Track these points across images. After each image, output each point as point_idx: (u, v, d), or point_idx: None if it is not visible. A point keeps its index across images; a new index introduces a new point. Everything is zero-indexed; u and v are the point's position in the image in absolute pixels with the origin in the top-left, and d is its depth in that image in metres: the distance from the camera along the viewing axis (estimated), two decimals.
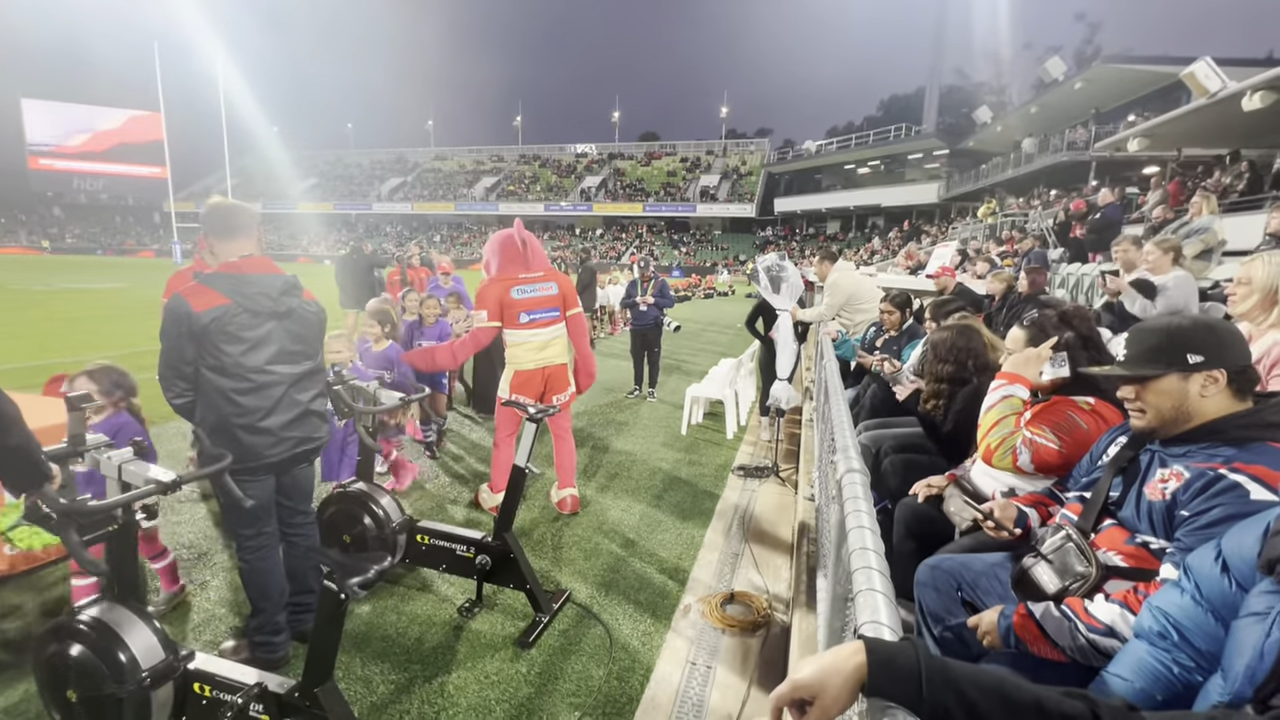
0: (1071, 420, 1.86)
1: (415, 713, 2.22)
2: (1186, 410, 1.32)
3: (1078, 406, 1.90)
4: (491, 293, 3.73)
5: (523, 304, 3.75)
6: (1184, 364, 1.30)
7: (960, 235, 18.98)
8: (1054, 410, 1.92)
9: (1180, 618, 1.05)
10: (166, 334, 2.09)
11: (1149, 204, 10.39)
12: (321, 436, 2.45)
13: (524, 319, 3.76)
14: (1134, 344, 1.40)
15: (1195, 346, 1.31)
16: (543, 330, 3.82)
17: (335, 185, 57.74)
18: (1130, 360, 1.39)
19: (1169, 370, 1.32)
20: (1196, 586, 1.05)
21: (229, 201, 2.28)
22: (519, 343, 3.79)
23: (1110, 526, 1.38)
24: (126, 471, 1.87)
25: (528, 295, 3.77)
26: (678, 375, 8.59)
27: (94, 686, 1.80)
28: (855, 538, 1.12)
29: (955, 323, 2.93)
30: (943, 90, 41.44)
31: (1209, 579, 1.02)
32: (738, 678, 2.47)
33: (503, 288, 3.73)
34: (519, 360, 3.81)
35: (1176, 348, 1.32)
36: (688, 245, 46.74)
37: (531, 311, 3.78)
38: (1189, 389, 1.31)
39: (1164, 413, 1.34)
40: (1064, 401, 1.94)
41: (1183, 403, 1.32)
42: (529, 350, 3.81)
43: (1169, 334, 1.35)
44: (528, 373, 3.81)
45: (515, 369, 3.81)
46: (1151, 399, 1.35)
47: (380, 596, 2.93)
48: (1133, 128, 14.16)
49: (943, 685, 0.76)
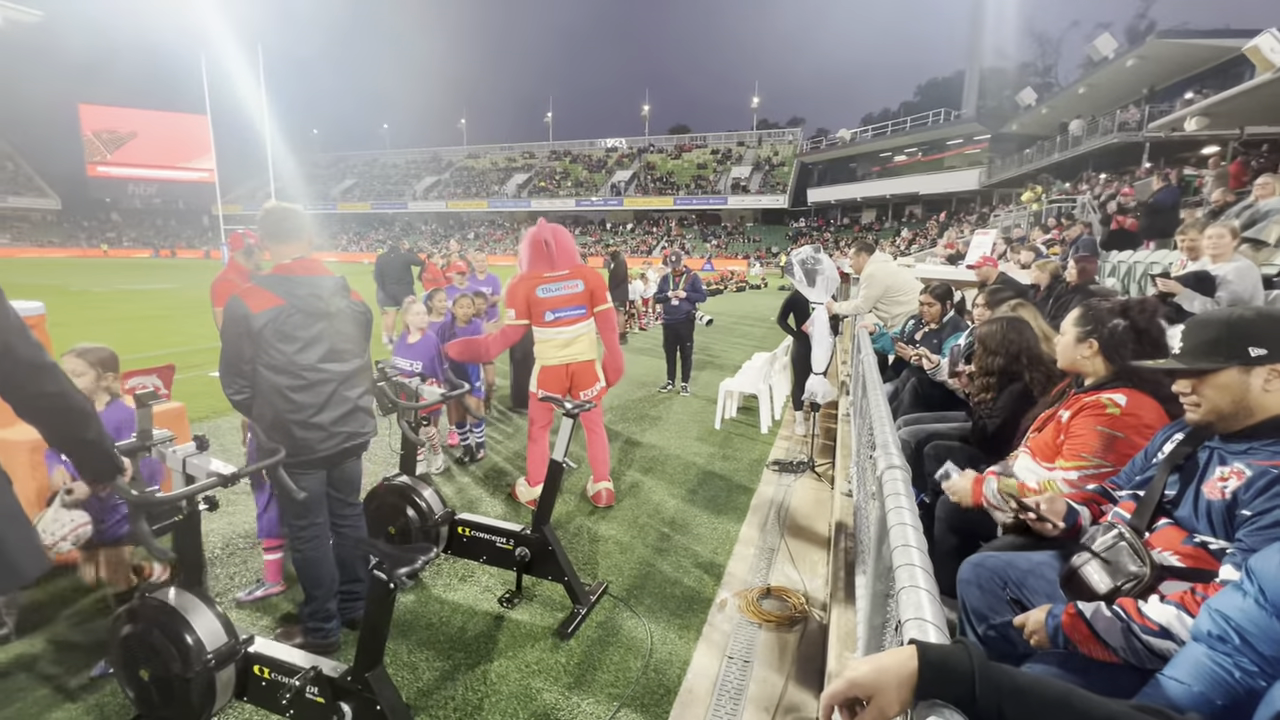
0: (1106, 437, 1.81)
1: (460, 699, 2.29)
2: (1248, 405, 1.26)
3: (1108, 415, 1.82)
4: (519, 291, 3.83)
5: (547, 303, 3.83)
6: (1245, 357, 1.25)
7: (1002, 223, 18.36)
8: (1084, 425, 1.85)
9: (1242, 621, 1.01)
10: (226, 334, 2.19)
11: (1207, 186, 9.88)
12: (369, 431, 2.54)
13: (549, 317, 3.84)
14: (1190, 336, 1.35)
15: (1258, 339, 1.25)
16: (566, 329, 3.88)
17: (372, 185, 59.12)
18: (1186, 353, 1.34)
19: (1228, 363, 1.27)
20: (1260, 590, 1.01)
21: (284, 205, 2.37)
22: (544, 340, 3.91)
23: (1166, 525, 1.33)
24: (190, 465, 1.98)
25: (552, 294, 3.84)
26: (710, 369, 8.57)
27: (163, 667, 1.92)
28: (897, 534, 1.12)
29: (1006, 314, 2.84)
30: (983, 73, 39.91)
31: (1274, 582, 0.99)
32: (775, 672, 2.48)
33: (529, 286, 3.82)
34: (544, 356, 3.92)
35: (1237, 340, 1.27)
36: (719, 238, 46.36)
37: (556, 310, 3.85)
38: (1251, 383, 1.26)
39: (1221, 408, 1.29)
40: (1093, 407, 1.86)
41: (1243, 397, 1.26)
42: (553, 347, 3.89)
43: (1229, 325, 1.29)
44: (552, 369, 3.90)
45: (541, 364, 3.93)
46: (1209, 393, 1.30)
47: (424, 586, 3.02)
48: (1190, 106, 13.44)
49: (996, 690, 0.75)
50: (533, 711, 2.24)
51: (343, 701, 1.88)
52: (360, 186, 59.23)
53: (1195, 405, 1.32)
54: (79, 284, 21.42)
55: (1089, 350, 1.95)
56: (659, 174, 51.65)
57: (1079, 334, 1.97)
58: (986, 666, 0.77)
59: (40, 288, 19.31)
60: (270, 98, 36.72)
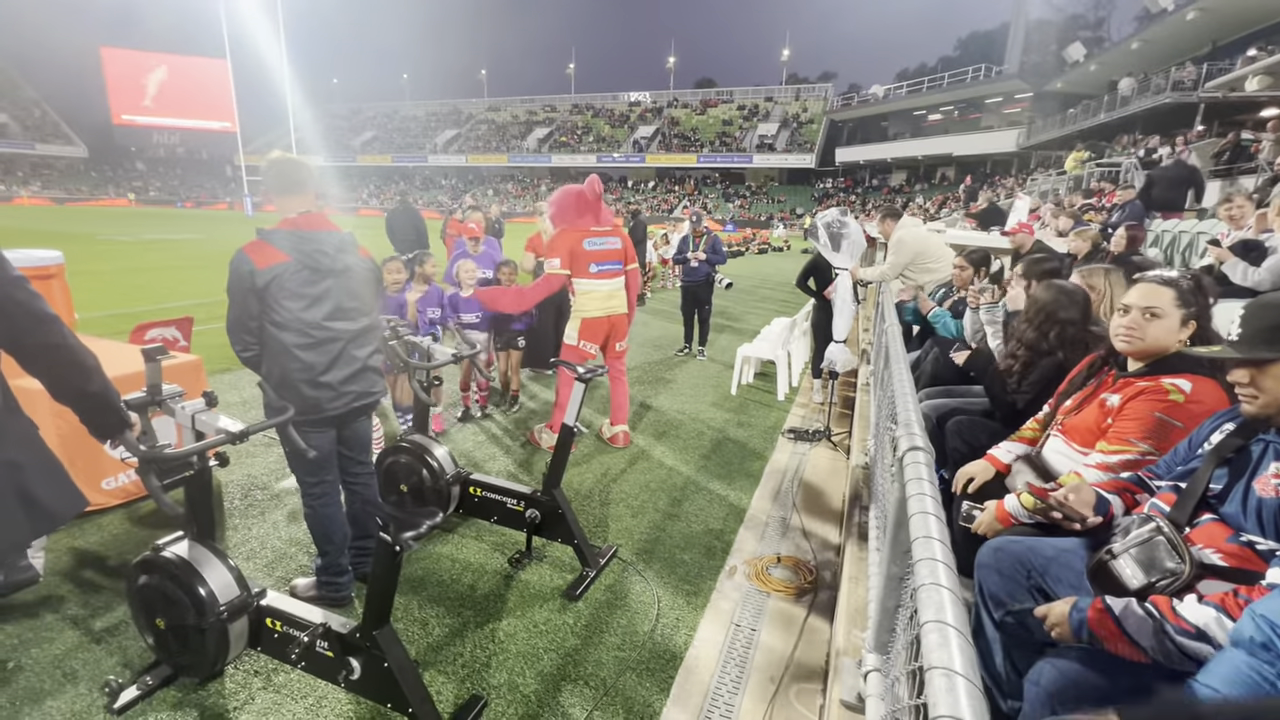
0: (1161, 424, 1.68)
1: (468, 655, 2.32)
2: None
3: (1170, 402, 1.69)
4: (564, 242, 3.97)
5: (593, 255, 4.00)
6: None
7: (1040, 187, 17.58)
8: (1139, 409, 1.72)
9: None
10: (232, 290, 2.15)
11: (1265, 151, 9.30)
12: (379, 391, 2.52)
13: (594, 269, 4.02)
14: (1251, 321, 1.23)
15: None
16: (608, 281, 4.09)
17: (393, 138, 58.51)
18: (1245, 340, 1.23)
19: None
20: None
21: (289, 156, 2.29)
22: (587, 291, 4.05)
23: (1209, 521, 1.25)
24: (199, 421, 1.97)
25: (598, 248, 4.02)
26: (728, 333, 8.45)
27: (179, 617, 1.96)
28: (918, 524, 1.05)
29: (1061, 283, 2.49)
30: (1030, 25, 37.61)
31: None
32: (783, 642, 2.47)
33: (576, 238, 3.97)
34: (587, 309, 4.07)
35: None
36: (743, 198, 45.31)
37: (600, 263, 4.04)
38: None
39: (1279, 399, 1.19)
40: (1153, 392, 1.72)
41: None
42: (596, 299, 4.06)
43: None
44: (595, 320, 4.07)
45: (583, 317, 4.07)
46: (1269, 384, 1.20)
47: (436, 544, 3.06)
48: (1253, 64, 12.56)
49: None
50: (539, 671, 2.26)
51: (351, 657, 1.90)
52: (380, 139, 58.65)
53: (1253, 397, 1.22)
54: (105, 233, 21.73)
55: (1189, 331, 1.75)
56: (683, 130, 50.30)
57: (1185, 315, 1.75)
58: None
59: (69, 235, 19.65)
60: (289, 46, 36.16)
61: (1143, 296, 1.79)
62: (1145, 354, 1.81)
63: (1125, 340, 1.81)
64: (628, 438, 4.43)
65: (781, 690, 2.22)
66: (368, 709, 2.05)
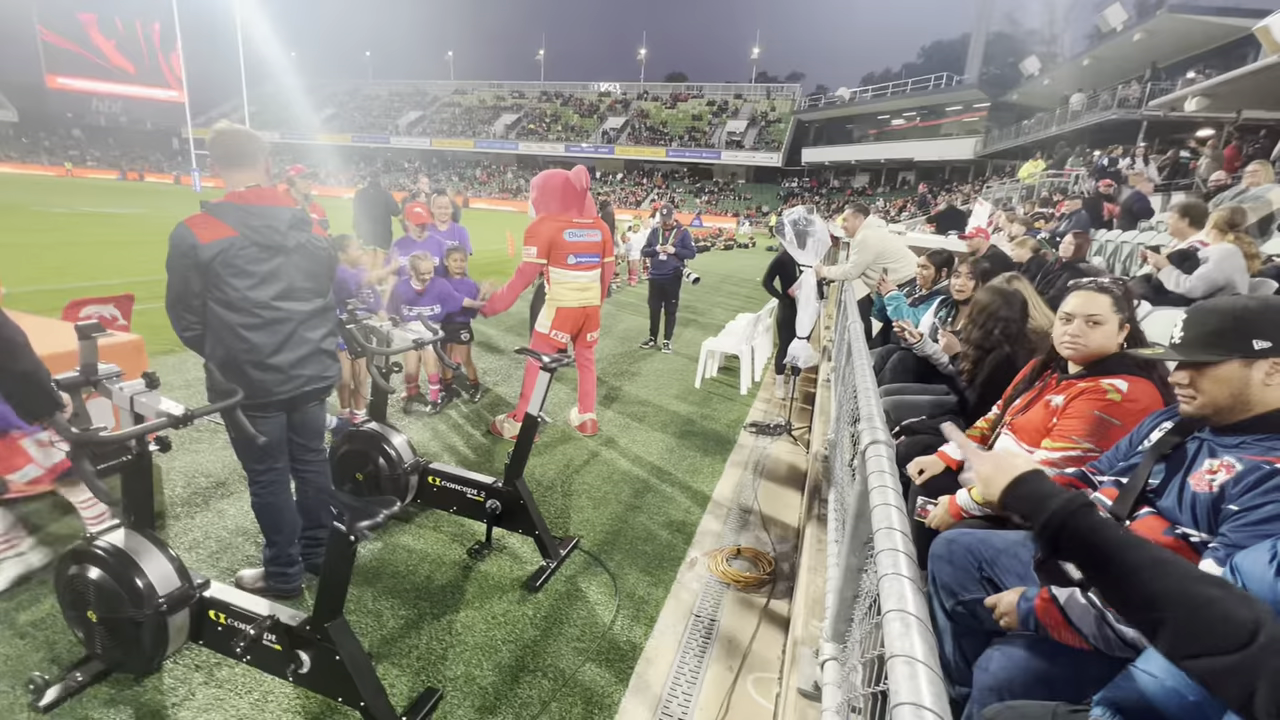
0: (1101, 422, 1.76)
1: (423, 648, 2.27)
2: (1246, 399, 1.22)
3: (1108, 401, 1.77)
4: (544, 231, 3.93)
5: (572, 247, 3.98)
6: (1249, 350, 1.19)
7: (994, 195, 18.24)
8: (1081, 408, 1.81)
9: None
10: (172, 266, 2.03)
11: (1202, 168, 9.85)
12: (332, 375, 2.43)
13: (571, 260, 3.99)
14: (1193, 325, 1.28)
15: (1263, 330, 1.19)
16: (585, 273, 4.08)
17: (353, 117, 56.53)
18: (1187, 343, 1.27)
19: (1230, 356, 1.21)
20: (1243, 587, 0.98)
21: (237, 128, 2.17)
22: (563, 282, 4.03)
23: (1148, 515, 1.31)
24: (138, 403, 1.86)
25: (578, 239, 4.01)
26: (693, 328, 8.50)
27: (113, 609, 1.86)
28: (880, 516, 1.07)
29: (1000, 285, 2.78)
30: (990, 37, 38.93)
31: (1260, 581, 0.96)
32: (741, 633, 2.50)
33: (557, 229, 3.94)
34: (562, 298, 4.04)
35: (1242, 332, 1.21)
36: (710, 193, 45.55)
37: (579, 255, 4.01)
38: (1252, 377, 1.20)
39: (1219, 401, 1.24)
40: (1092, 392, 1.81)
41: (1243, 391, 1.21)
42: (572, 290, 4.04)
43: (1235, 316, 1.23)
44: (570, 310, 4.06)
45: (558, 306, 4.05)
46: (1207, 386, 1.25)
47: (392, 534, 2.98)
48: (1192, 85, 13.28)
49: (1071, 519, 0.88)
50: (497, 663, 2.23)
51: (300, 650, 1.84)
52: (340, 118, 56.60)
53: (1191, 398, 1.27)
54: (39, 203, 20.38)
55: (1124, 334, 1.85)
56: (652, 123, 50.19)
57: (1121, 320, 1.84)
58: (1071, 505, 0.90)
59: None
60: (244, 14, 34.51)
61: (1083, 305, 1.87)
62: (1088, 359, 1.90)
63: (1070, 347, 1.89)
64: (595, 425, 4.44)
65: (739, 680, 2.24)
66: (317, 703, 1.98)
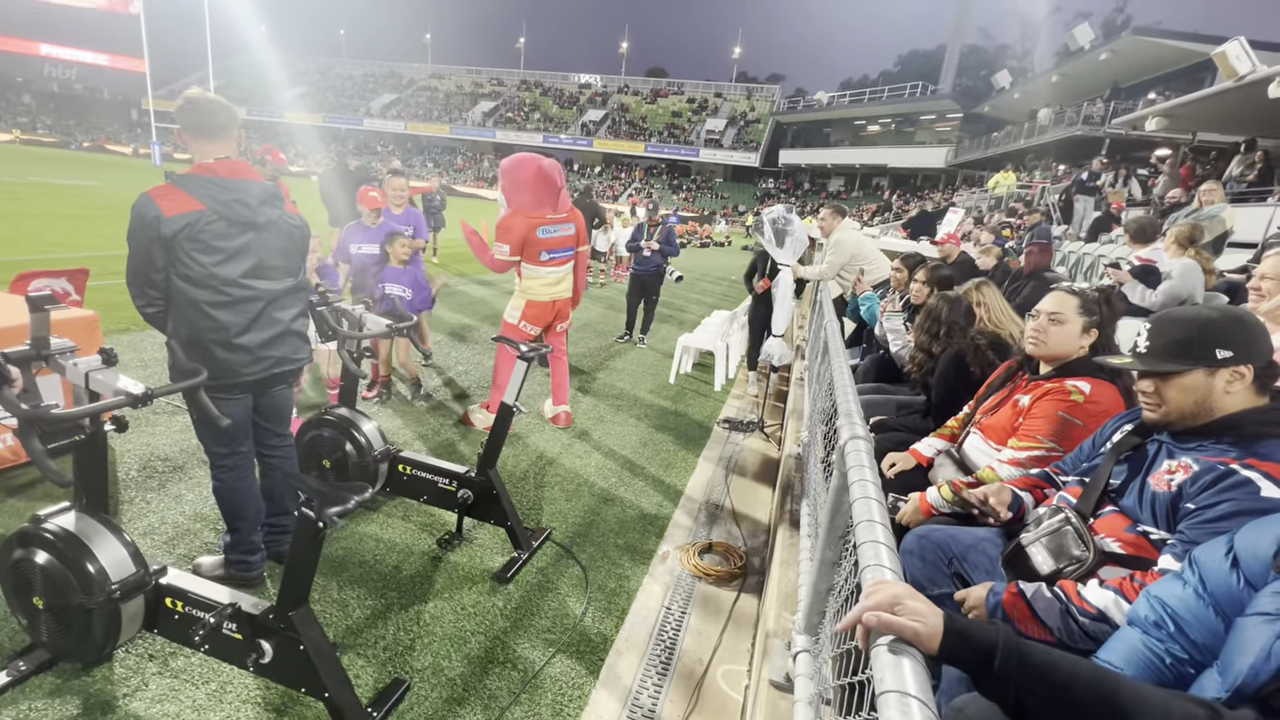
0: (1064, 422, 1.83)
1: (390, 638, 2.23)
2: (1208, 406, 1.27)
3: (1071, 402, 1.84)
4: (517, 228, 3.84)
5: (545, 243, 3.93)
6: (1212, 359, 1.24)
7: (964, 203, 18.71)
8: (1045, 409, 1.87)
9: (1179, 609, 1.03)
10: (134, 238, 1.94)
11: (1160, 185, 10.25)
12: (302, 358, 2.35)
13: (544, 257, 3.94)
14: (1158, 335, 1.32)
15: (1225, 341, 1.24)
16: (558, 269, 4.03)
17: (325, 96, 54.91)
18: (1152, 353, 1.31)
19: (1196, 366, 1.25)
20: (1201, 580, 1.03)
21: (209, 96, 2.08)
22: (536, 277, 3.98)
23: (1111, 513, 1.35)
24: (94, 381, 1.77)
25: (551, 235, 3.95)
26: (669, 324, 8.51)
27: (61, 595, 1.77)
28: (861, 509, 1.08)
29: (946, 292, 2.88)
30: (964, 49, 39.96)
31: (1216, 574, 1.00)
32: (711, 626, 2.52)
33: (530, 226, 3.86)
34: (534, 292, 4.00)
35: (1206, 342, 1.25)
36: (688, 190, 45.65)
37: (552, 250, 3.97)
38: (1214, 385, 1.25)
39: (1184, 409, 1.29)
40: (1057, 393, 1.88)
41: (1206, 398, 1.26)
42: (544, 285, 4.01)
43: (1199, 326, 1.27)
44: (540, 304, 4.02)
45: (528, 299, 4.01)
46: (1173, 395, 1.29)
47: (360, 522, 2.91)
48: (1153, 106, 13.80)
49: (1019, 662, 0.81)
50: (466, 654, 2.20)
51: (262, 639, 1.78)
52: (311, 96, 54.92)
53: (1156, 405, 1.32)
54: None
55: (1091, 338, 1.92)
56: (632, 117, 50.01)
57: (1085, 324, 1.91)
58: (1012, 639, 0.83)
59: None
60: None
61: (1050, 304, 1.97)
62: (1050, 357, 1.98)
63: (1031, 341, 2.00)
64: (569, 418, 4.43)
65: (709, 672, 2.26)
66: (278, 694, 1.93)
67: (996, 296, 2.93)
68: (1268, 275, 1.87)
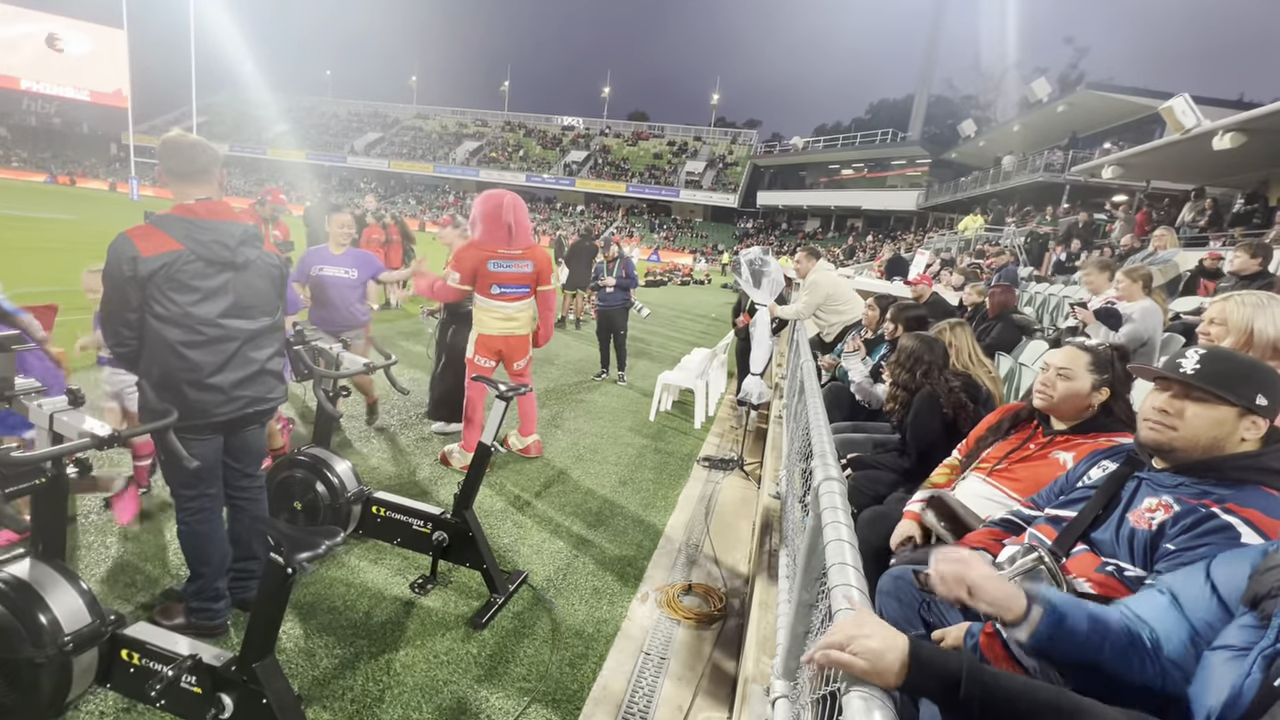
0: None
1: (359, 690, 2.15)
2: (1220, 444, 1.27)
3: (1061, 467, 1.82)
4: (469, 258, 3.91)
5: (496, 277, 3.96)
6: (1251, 402, 1.25)
7: (935, 245, 19.32)
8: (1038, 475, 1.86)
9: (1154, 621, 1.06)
10: (110, 278, 1.92)
11: (1116, 230, 10.71)
12: (276, 397, 2.32)
13: (495, 290, 4.00)
14: (1211, 361, 1.31)
15: (1267, 389, 1.25)
16: (510, 304, 4.06)
17: (309, 134, 55.30)
18: (1201, 375, 1.29)
19: (1236, 402, 1.25)
20: (1176, 599, 1.06)
21: (190, 138, 2.10)
22: (486, 309, 4.03)
23: (1081, 552, 1.38)
24: (59, 422, 1.73)
25: (503, 270, 3.98)
26: (646, 360, 8.55)
27: (9, 648, 1.68)
28: (834, 551, 1.09)
29: (927, 333, 2.95)
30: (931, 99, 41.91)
31: (1198, 599, 1.02)
32: (691, 670, 2.47)
33: (480, 258, 3.91)
34: (485, 325, 4.06)
35: (1254, 384, 1.26)
36: (668, 229, 46.50)
37: (504, 285, 4.00)
38: (1238, 427, 1.26)
39: (1200, 440, 1.28)
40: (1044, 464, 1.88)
41: (1223, 437, 1.27)
42: (495, 318, 4.05)
43: (1252, 368, 1.29)
44: (490, 338, 4.07)
45: (480, 332, 4.07)
46: (1196, 421, 1.28)
47: (329, 567, 2.83)
48: (1108, 155, 14.55)
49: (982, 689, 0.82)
50: (437, 705, 2.13)
51: (223, 693, 1.71)
52: (295, 133, 55.31)
53: (1168, 428, 1.30)
54: None
55: (1102, 397, 1.88)
56: (614, 159, 51.16)
57: (1095, 381, 1.87)
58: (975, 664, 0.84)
59: None
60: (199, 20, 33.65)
61: (1060, 358, 1.93)
62: (1057, 410, 1.95)
63: (1039, 394, 1.96)
64: (540, 446, 4.50)
65: (689, 719, 2.21)
66: None
67: (968, 338, 3.01)
68: (1216, 320, 1.95)
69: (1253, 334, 1.81)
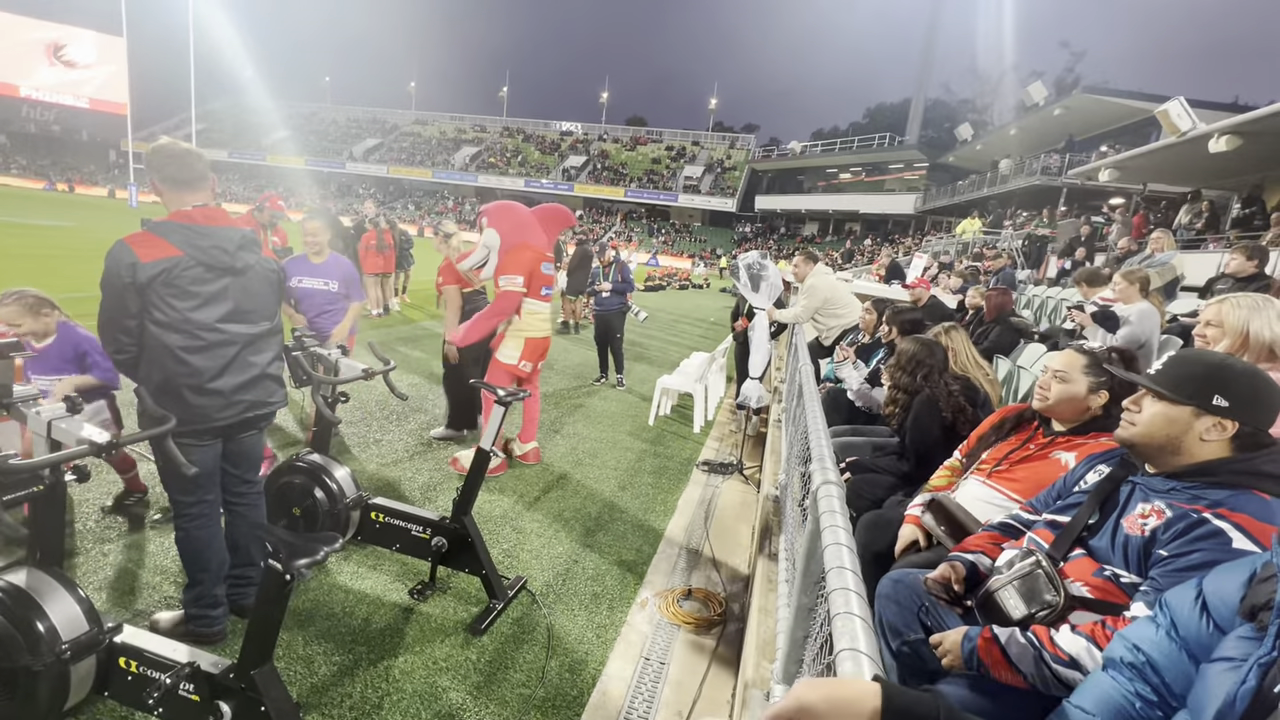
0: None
1: (358, 697, 2.14)
2: (1179, 446, 1.30)
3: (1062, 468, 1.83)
4: (526, 261, 3.97)
5: (545, 279, 4.10)
6: (1206, 403, 1.27)
7: (932, 248, 19.36)
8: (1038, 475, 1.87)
9: (1153, 652, 1.05)
10: (108, 284, 1.93)
11: (1113, 233, 10.74)
12: (276, 402, 2.32)
13: (544, 292, 4.12)
14: (1173, 365, 1.35)
15: (1227, 390, 1.26)
16: (546, 305, 4.21)
17: (308, 140, 55.43)
18: (1161, 375, 1.35)
19: (1188, 402, 1.28)
20: (1172, 623, 1.05)
21: (181, 145, 2.10)
22: (535, 311, 4.10)
23: (1079, 557, 1.38)
24: (57, 429, 1.73)
25: (548, 272, 4.15)
26: (645, 365, 8.55)
27: (6, 656, 1.68)
28: (832, 555, 1.09)
29: (926, 335, 2.96)
30: (928, 103, 42.12)
31: (1186, 618, 1.02)
32: (691, 675, 2.46)
33: (536, 261, 4.01)
34: (535, 329, 4.10)
35: (1210, 384, 1.28)
36: (666, 234, 46.58)
37: (549, 287, 4.17)
38: (1194, 427, 1.28)
39: (1154, 437, 1.32)
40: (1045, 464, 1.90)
41: (1179, 436, 1.29)
42: (542, 320, 4.15)
43: (1212, 368, 1.31)
44: (538, 340, 4.13)
45: (528, 336, 4.08)
46: (1149, 418, 1.33)
47: (328, 573, 2.82)
48: (1105, 158, 14.60)
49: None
50: (436, 712, 2.12)
51: (222, 700, 1.70)
52: (295, 140, 55.43)
53: (1130, 424, 1.36)
54: None
55: (1101, 399, 1.90)
56: (612, 164, 51.27)
57: (1092, 384, 1.88)
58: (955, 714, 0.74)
59: None
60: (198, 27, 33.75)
61: (1058, 361, 1.96)
62: (1055, 412, 1.96)
63: (1037, 396, 1.98)
64: (538, 454, 4.49)
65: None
66: None
67: (965, 342, 3.02)
68: (1211, 322, 1.96)
69: (1248, 336, 1.82)
